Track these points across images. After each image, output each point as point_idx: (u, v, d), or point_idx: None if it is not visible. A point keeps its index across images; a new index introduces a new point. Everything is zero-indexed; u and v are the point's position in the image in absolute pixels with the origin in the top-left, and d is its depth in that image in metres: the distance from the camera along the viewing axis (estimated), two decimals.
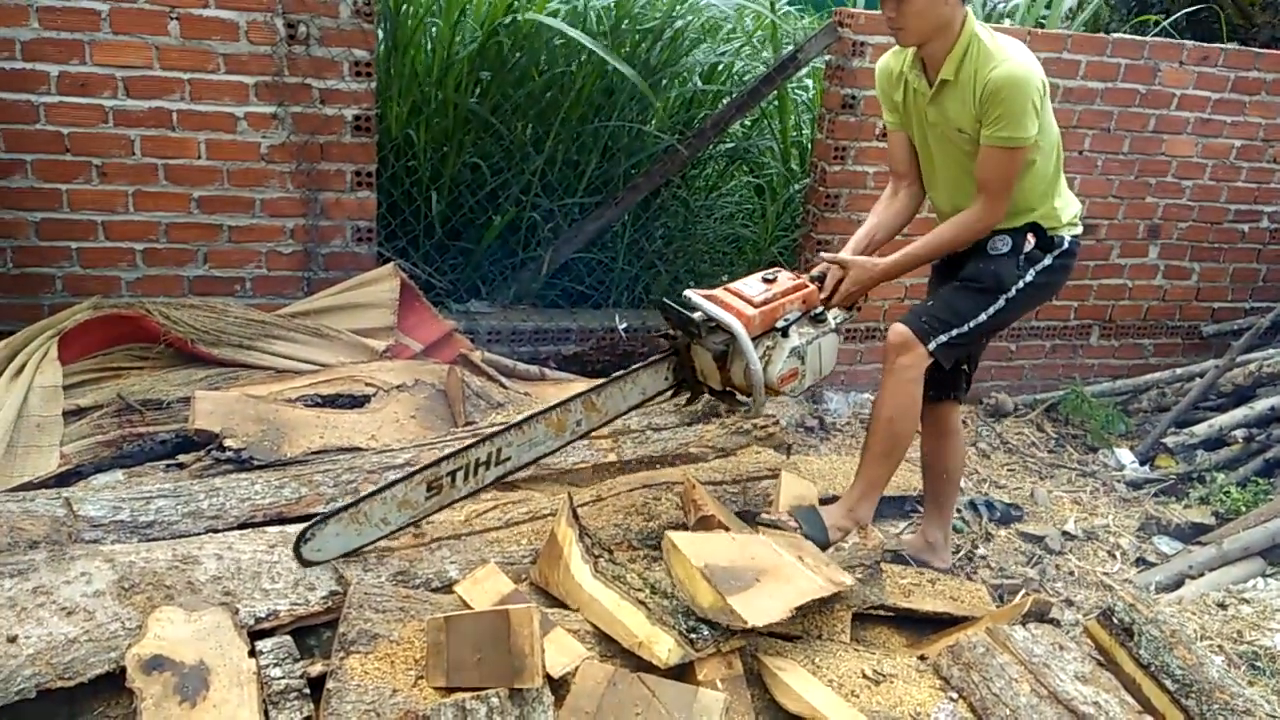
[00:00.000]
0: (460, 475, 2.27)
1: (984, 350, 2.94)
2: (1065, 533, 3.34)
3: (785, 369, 2.46)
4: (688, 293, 2.50)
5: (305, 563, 2.11)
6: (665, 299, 2.55)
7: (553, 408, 2.40)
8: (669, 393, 2.63)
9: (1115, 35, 4.18)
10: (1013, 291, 2.57)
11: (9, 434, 2.72)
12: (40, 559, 2.04)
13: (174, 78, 3.21)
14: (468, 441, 2.33)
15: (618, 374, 2.51)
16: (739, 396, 2.54)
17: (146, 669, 1.79)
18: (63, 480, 2.63)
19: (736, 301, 2.44)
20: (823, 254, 2.71)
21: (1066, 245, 2.62)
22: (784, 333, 2.46)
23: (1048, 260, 2.59)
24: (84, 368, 3.01)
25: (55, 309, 3.22)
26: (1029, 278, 2.58)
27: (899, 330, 2.58)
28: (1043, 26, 4.40)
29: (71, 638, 1.86)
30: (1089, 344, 4.54)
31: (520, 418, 2.39)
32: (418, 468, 2.24)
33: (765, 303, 2.45)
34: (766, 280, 2.51)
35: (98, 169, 3.25)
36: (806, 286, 2.57)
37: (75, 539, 2.19)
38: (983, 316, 2.58)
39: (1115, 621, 2.21)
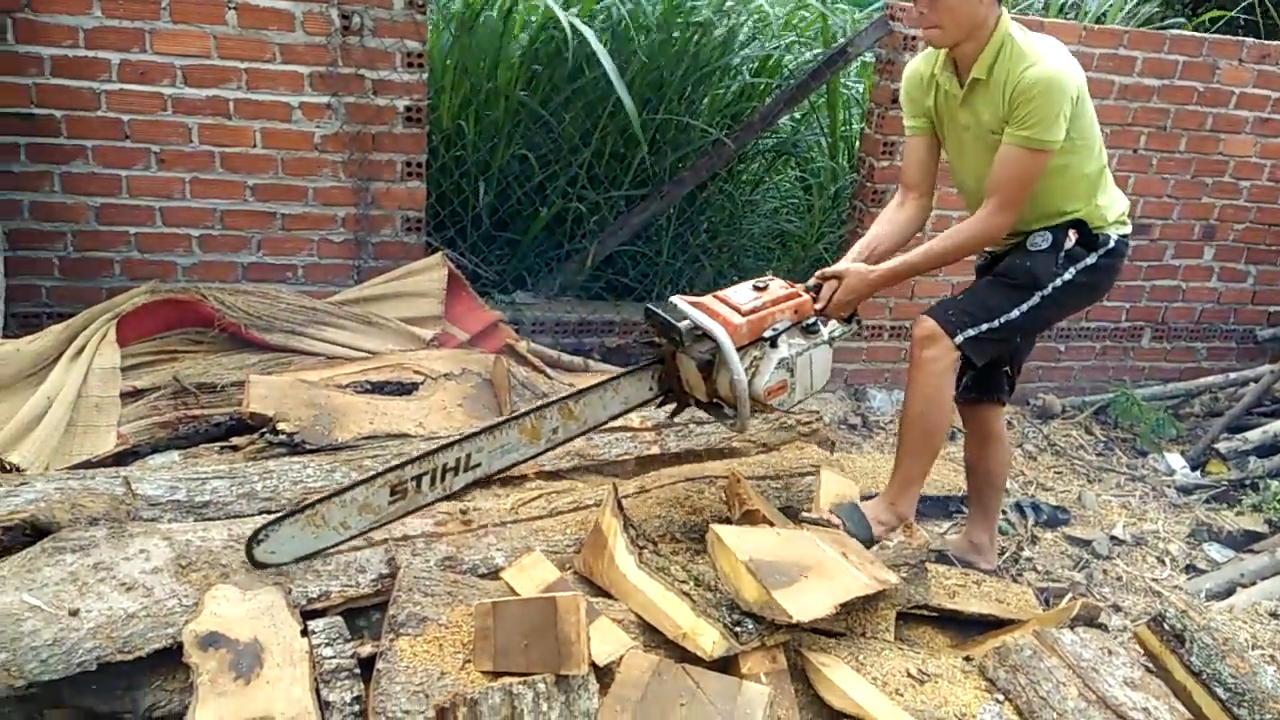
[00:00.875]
0: (426, 480, 2.16)
1: (1029, 351, 2.87)
2: (1113, 537, 3.29)
3: (773, 381, 2.34)
4: (674, 298, 2.39)
5: (257, 564, 2.02)
6: (650, 305, 2.43)
7: (527, 413, 2.29)
8: (653, 403, 2.52)
9: (1173, 31, 4.11)
10: (1049, 289, 2.50)
11: (69, 414, 2.79)
12: (100, 535, 2.09)
13: (231, 67, 3.27)
14: (436, 444, 2.23)
15: (598, 381, 2.41)
16: (725, 409, 2.43)
17: (203, 645, 1.83)
18: (120, 460, 2.69)
19: (723, 309, 2.33)
20: (820, 271, 2.59)
21: (1113, 244, 2.54)
22: (772, 343, 2.34)
23: (1091, 259, 2.52)
24: (141, 350, 3.07)
25: (113, 292, 3.29)
26: (1068, 276, 2.50)
27: (924, 322, 2.54)
28: (1103, 21, 4.33)
29: (131, 613, 1.90)
30: (1140, 346, 4.46)
31: (492, 422, 2.28)
32: (380, 470, 2.14)
33: (753, 311, 2.33)
34: (757, 288, 2.40)
35: (156, 156, 3.32)
36: (799, 296, 2.45)
37: (134, 517, 2.24)
38: (1015, 313, 2.51)
39: (1166, 628, 2.17)
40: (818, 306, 2.51)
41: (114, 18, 3.15)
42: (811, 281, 2.57)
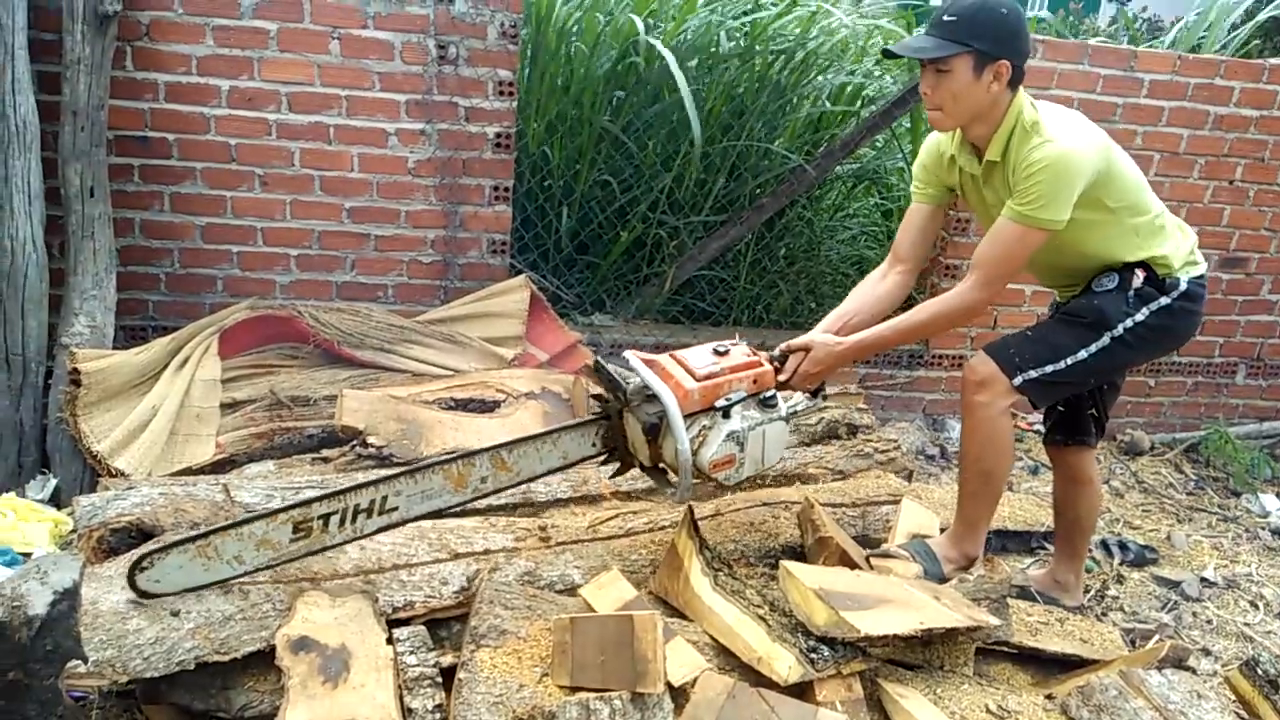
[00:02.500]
0: (335, 520, 2.03)
1: (1116, 395, 2.72)
2: (1204, 579, 3.18)
3: (719, 454, 2.20)
4: (627, 353, 2.29)
5: (139, 593, 1.90)
6: (598, 359, 2.33)
7: (454, 459, 2.15)
8: (595, 460, 2.38)
9: (1272, 61, 3.99)
10: (1119, 330, 2.36)
11: (172, 422, 2.93)
12: None
13: (333, 94, 3.42)
14: (349, 483, 2.09)
15: (535, 433, 2.29)
16: (669, 476, 2.28)
17: (294, 649, 1.90)
18: (218, 468, 2.82)
19: (677, 371, 2.21)
20: (787, 342, 2.44)
21: (1184, 287, 2.39)
22: (725, 413, 2.20)
23: (1164, 300, 2.37)
24: (240, 364, 3.21)
25: (216, 308, 3.45)
26: (1140, 316, 2.36)
27: (980, 363, 2.40)
28: (1198, 51, 4.23)
29: (228, 615, 1.98)
30: (1234, 383, 4.32)
31: (414, 465, 2.14)
32: (284, 505, 2.01)
33: (709, 377, 2.20)
34: (718, 353, 2.27)
35: (260, 178, 3.48)
36: (760, 366, 2.30)
37: None
38: (1083, 354, 2.37)
39: (1260, 673, 2.10)
40: (781, 378, 2.38)
41: (225, 46, 3.32)
42: (777, 351, 2.43)
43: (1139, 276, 2.37)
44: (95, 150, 3.16)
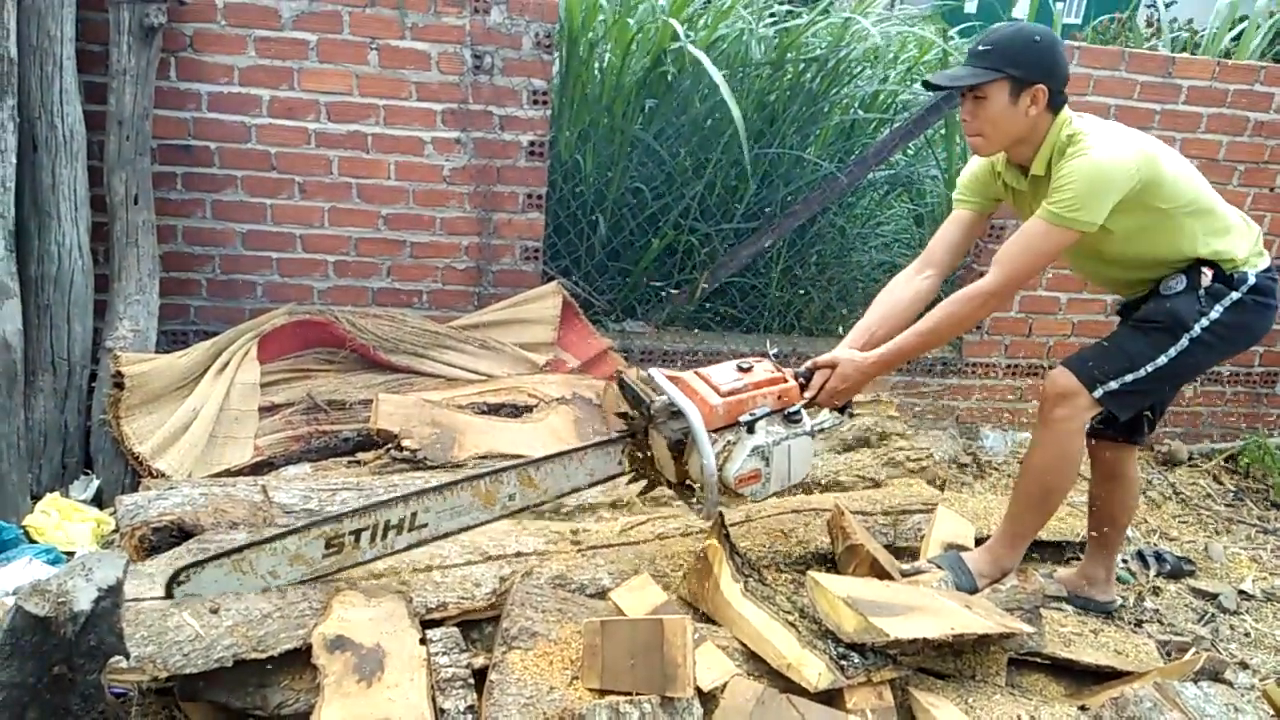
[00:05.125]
0: (366, 536, 2.07)
1: (1174, 396, 2.71)
2: (1242, 592, 3.14)
3: (744, 469, 2.22)
4: (652, 370, 2.32)
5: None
6: (624, 376, 2.36)
7: (482, 475, 2.20)
8: (621, 478, 2.41)
9: None
10: (1197, 330, 2.35)
11: (212, 425, 2.99)
12: (241, 539, 2.23)
13: (370, 104, 3.47)
14: (380, 498, 2.16)
15: (562, 450, 2.34)
16: (695, 492, 2.30)
17: (330, 648, 1.93)
18: (256, 470, 2.87)
19: (702, 387, 2.24)
20: (813, 359, 2.47)
21: (1253, 281, 2.38)
22: (749, 429, 2.23)
23: (1235, 295, 2.36)
24: (278, 368, 3.27)
25: (255, 313, 3.50)
26: (1215, 314, 2.35)
27: (1061, 376, 2.41)
28: (1230, 57, 4.18)
29: (265, 613, 2.02)
30: (1274, 393, 4.25)
31: (443, 481, 2.19)
32: (315, 520, 2.06)
33: (733, 393, 2.23)
34: (741, 369, 2.30)
35: (299, 186, 3.54)
36: (785, 381, 2.33)
37: (270, 523, 2.39)
38: (1162, 359, 2.37)
39: None
40: (807, 395, 2.41)
41: (266, 57, 3.38)
42: (803, 368, 2.46)
43: (1207, 275, 2.37)
44: (140, 159, 3.23)
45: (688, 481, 2.30)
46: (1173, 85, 3.78)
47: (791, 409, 2.31)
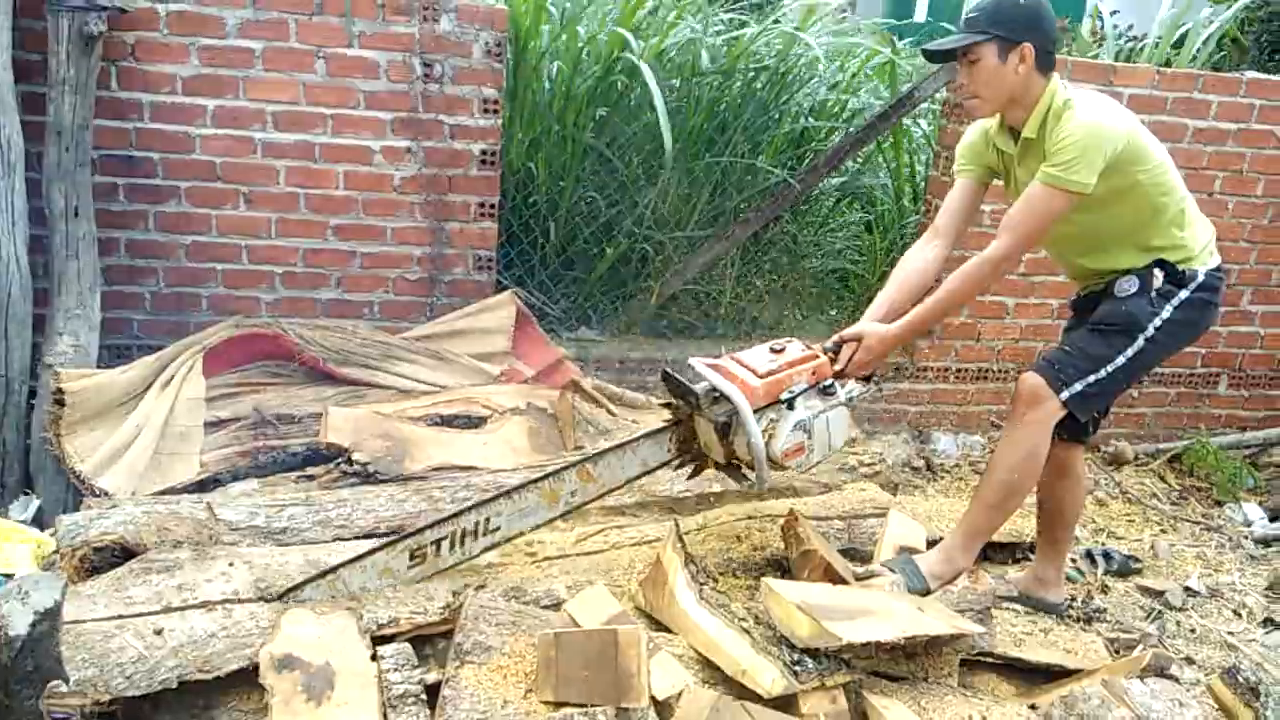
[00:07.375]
0: (446, 544, 2.21)
1: (1121, 393, 2.80)
2: (1187, 588, 3.20)
3: (790, 443, 2.38)
4: (692, 360, 2.46)
5: None
6: (667, 368, 2.50)
7: (545, 477, 2.34)
8: (671, 464, 2.55)
9: (1249, 75, 4.04)
10: (1150, 330, 2.46)
11: (156, 441, 2.92)
12: (185, 557, 2.19)
13: (318, 113, 3.42)
14: (453, 509, 2.29)
15: (615, 443, 2.47)
16: (743, 470, 2.46)
17: (278, 667, 1.90)
18: (202, 486, 2.81)
19: (741, 371, 2.38)
20: (840, 334, 2.60)
21: (1202, 278, 2.50)
22: (789, 405, 2.38)
23: (1184, 294, 2.48)
24: (224, 382, 3.20)
25: (201, 326, 3.43)
26: (1166, 314, 2.47)
27: (1031, 380, 2.50)
28: (1169, 65, 4.28)
29: (211, 633, 1.99)
30: (1216, 393, 4.35)
31: (511, 485, 2.34)
32: (402, 534, 2.19)
33: (770, 374, 2.37)
34: (774, 350, 2.44)
35: (245, 196, 3.48)
36: (817, 358, 2.48)
37: (215, 541, 2.34)
38: (1120, 359, 2.48)
39: (1240, 680, 2.12)
40: (836, 368, 2.52)
41: (210, 65, 3.33)
42: (830, 343, 2.58)
43: (1158, 276, 2.48)
44: (80, 170, 3.16)
45: (734, 460, 2.43)
46: (1114, 93, 3.86)
47: (826, 382, 2.46)
